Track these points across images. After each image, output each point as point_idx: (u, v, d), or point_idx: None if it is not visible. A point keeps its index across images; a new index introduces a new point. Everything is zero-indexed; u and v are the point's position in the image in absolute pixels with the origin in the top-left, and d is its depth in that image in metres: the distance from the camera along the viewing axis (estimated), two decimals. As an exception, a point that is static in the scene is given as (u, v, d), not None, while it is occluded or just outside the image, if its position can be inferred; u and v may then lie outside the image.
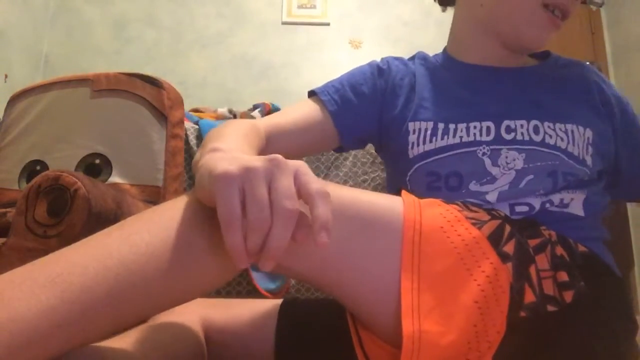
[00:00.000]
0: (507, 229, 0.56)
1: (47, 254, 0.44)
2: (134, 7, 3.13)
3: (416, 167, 0.73)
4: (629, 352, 0.60)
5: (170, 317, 0.64)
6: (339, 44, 3.13)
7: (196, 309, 0.68)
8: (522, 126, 0.70)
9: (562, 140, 0.68)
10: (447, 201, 0.59)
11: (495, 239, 0.54)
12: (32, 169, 1.10)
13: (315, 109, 0.79)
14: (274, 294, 1.25)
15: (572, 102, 0.74)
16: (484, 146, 0.69)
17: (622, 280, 0.66)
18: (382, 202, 0.55)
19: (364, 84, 0.81)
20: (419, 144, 0.73)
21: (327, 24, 3.16)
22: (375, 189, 1.38)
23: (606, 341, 0.56)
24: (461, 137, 0.71)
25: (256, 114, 1.78)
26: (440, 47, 0.90)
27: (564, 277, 0.55)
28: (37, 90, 1.17)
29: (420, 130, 0.74)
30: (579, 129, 0.69)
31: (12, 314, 0.38)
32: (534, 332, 0.52)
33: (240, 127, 0.63)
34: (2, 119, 1.24)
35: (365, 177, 1.41)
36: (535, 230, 0.60)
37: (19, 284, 0.40)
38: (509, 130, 0.70)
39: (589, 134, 0.70)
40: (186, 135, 1.38)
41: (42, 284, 0.40)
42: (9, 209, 0.90)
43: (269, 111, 1.80)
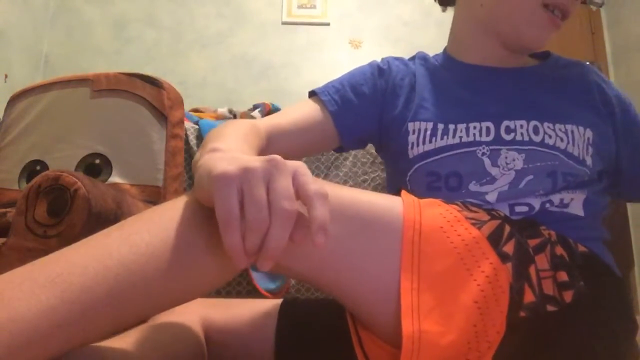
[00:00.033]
0: (507, 229, 0.56)
1: (47, 254, 0.44)
2: (134, 7, 3.13)
3: (416, 167, 0.73)
4: (629, 352, 0.60)
5: (170, 317, 0.64)
6: (339, 44, 3.13)
7: (196, 309, 0.68)
8: (521, 126, 0.70)
9: (562, 140, 0.68)
10: (447, 201, 0.59)
11: (495, 239, 0.54)
12: (32, 169, 1.10)
13: (315, 109, 0.79)
14: (274, 294, 1.25)
15: (572, 102, 0.74)
16: (484, 146, 0.69)
17: (622, 280, 0.66)
18: (382, 202, 0.55)
19: (364, 84, 0.82)
20: (418, 144, 0.73)
21: (327, 24, 3.16)
22: (375, 189, 1.38)
23: (606, 341, 0.56)
24: (461, 137, 0.71)
25: (256, 114, 1.78)
26: (440, 47, 0.90)
27: (563, 277, 0.55)
28: (37, 90, 1.17)
29: (420, 130, 0.74)
30: (579, 129, 0.69)
31: (12, 314, 0.38)
32: (534, 332, 0.52)
33: (240, 127, 0.63)
34: (2, 119, 1.25)
35: (365, 177, 1.41)
36: (535, 230, 0.60)
37: (19, 284, 0.40)
38: (509, 130, 0.70)
39: (589, 134, 0.70)
40: (186, 135, 1.38)
41: (42, 284, 0.40)
42: (9, 209, 0.90)
43: (269, 111, 1.80)
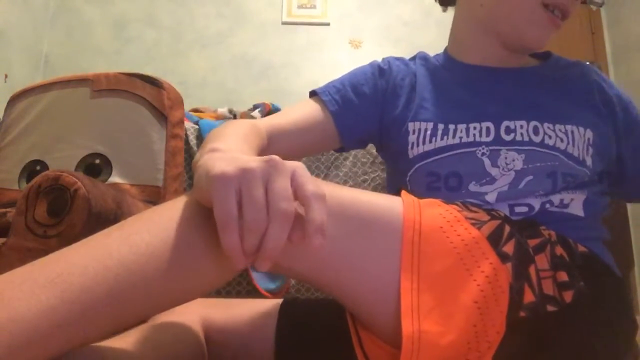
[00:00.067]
0: (507, 229, 0.56)
1: (47, 254, 0.44)
2: (134, 7, 3.13)
3: (416, 167, 0.73)
4: (629, 352, 0.60)
5: (170, 317, 0.64)
6: (339, 44, 3.13)
7: (196, 308, 0.68)
8: (521, 127, 0.70)
9: (562, 141, 0.68)
10: (447, 201, 0.59)
11: (494, 239, 0.54)
12: (32, 169, 1.10)
13: (316, 109, 0.79)
14: (274, 294, 1.25)
15: (573, 102, 0.74)
16: (484, 147, 0.69)
17: (622, 280, 0.66)
18: (382, 202, 0.55)
19: (365, 84, 0.81)
20: (418, 144, 0.73)
21: (327, 24, 3.16)
22: (375, 189, 1.38)
23: (606, 341, 0.56)
24: (461, 137, 0.71)
25: (256, 114, 1.78)
26: (440, 47, 0.90)
27: (563, 277, 0.55)
28: (37, 90, 1.17)
29: (420, 130, 0.74)
30: (579, 129, 0.69)
31: (12, 314, 0.38)
32: (534, 332, 0.52)
33: (240, 127, 0.63)
34: (2, 119, 1.25)
35: (365, 177, 1.41)
36: (534, 230, 0.60)
37: (19, 284, 0.40)
38: (509, 130, 0.70)
39: (589, 134, 0.70)
40: (186, 135, 1.38)
41: (42, 284, 0.40)
42: (9, 209, 0.90)
43: (269, 111, 1.81)
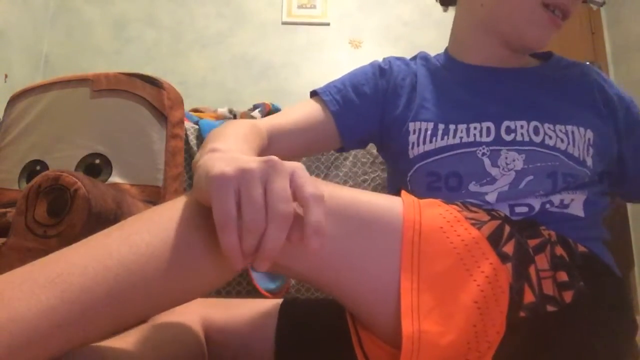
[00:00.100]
0: (507, 229, 0.56)
1: (47, 254, 0.44)
2: (134, 7, 3.13)
3: (416, 167, 0.73)
4: (629, 352, 0.60)
5: (170, 317, 0.64)
6: (339, 44, 3.13)
7: (196, 308, 0.68)
8: (522, 127, 0.70)
9: (562, 141, 0.68)
10: (447, 201, 0.59)
11: (494, 240, 0.54)
12: (32, 169, 1.10)
13: (317, 109, 0.79)
14: (274, 294, 1.25)
15: (573, 103, 0.74)
16: (484, 147, 0.69)
17: (622, 280, 0.66)
18: (382, 202, 0.55)
19: (365, 84, 0.81)
20: (419, 144, 0.73)
21: (327, 24, 3.16)
22: (375, 189, 1.38)
23: (606, 341, 0.56)
24: (461, 137, 0.71)
25: (256, 114, 1.78)
26: (440, 47, 0.90)
27: (563, 277, 0.55)
28: (37, 90, 1.17)
29: (420, 130, 0.74)
30: (580, 129, 0.69)
31: (12, 314, 0.38)
32: (534, 332, 0.52)
33: (240, 127, 0.63)
34: (2, 119, 1.25)
35: (365, 177, 1.41)
36: (534, 230, 0.60)
37: (19, 284, 0.40)
38: (509, 131, 0.70)
39: (590, 134, 0.70)
40: (186, 135, 1.38)
41: (42, 284, 0.40)
42: (9, 209, 0.90)
43: (269, 111, 1.81)
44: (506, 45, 0.78)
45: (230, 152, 0.50)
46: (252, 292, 1.24)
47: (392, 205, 0.54)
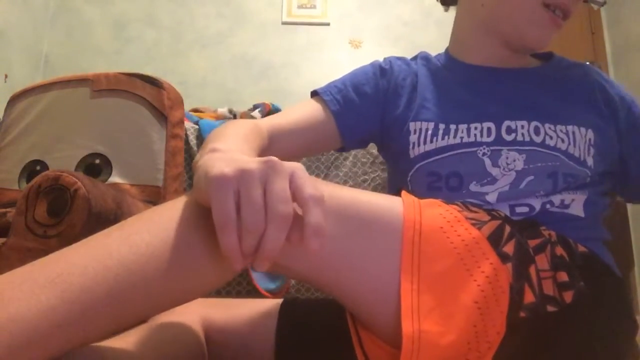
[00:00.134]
0: (507, 229, 0.56)
1: (47, 254, 0.44)
2: (134, 7, 3.13)
3: (417, 167, 0.73)
4: (629, 352, 0.60)
5: (170, 317, 0.64)
6: (339, 44, 3.13)
7: (196, 308, 0.68)
8: (522, 127, 0.70)
9: (563, 141, 0.68)
10: (447, 201, 0.59)
11: (495, 240, 0.54)
12: (32, 169, 1.10)
13: (317, 109, 0.79)
14: (274, 294, 1.25)
15: (574, 103, 0.74)
16: (485, 147, 0.69)
17: (622, 280, 0.66)
18: (382, 202, 0.55)
19: (366, 84, 0.81)
20: (419, 144, 0.73)
21: (327, 24, 3.16)
22: (375, 189, 1.38)
23: (606, 341, 0.56)
24: (462, 137, 0.71)
25: (256, 114, 1.78)
26: (440, 47, 0.90)
27: (563, 277, 0.55)
28: (37, 90, 1.17)
29: (421, 130, 0.74)
30: (581, 130, 0.69)
31: (12, 314, 0.38)
32: (534, 332, 0.52)
33: (241, 127, 0.63)
34: (2, 119, 1.24)
35: (365, 177, 1.41)
36: (535, 230, 0.60)
37: (19, 285, 0.40)
38: (510, 131, 0.70)
39: (591, 135, 0.70)
40: (186, 135, 1.38)
41: (42, 284, 0.40)
42: (9, 209, 0.90)
43: (269, 111, 1.80)
44: (507, 45, 0.78)
45: (230, 152, 0.50)
46: (252, 292, 1.24)
47: (392, 205, 0.54)
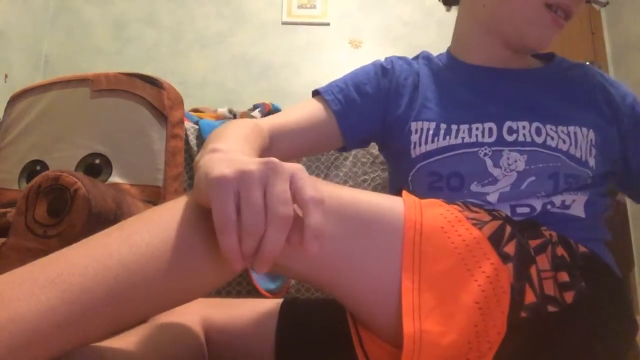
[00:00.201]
0: (508, 229, 0.56)
1: (47, 254, 0.44)
2: (134, 7, 3.13)
3: (418, 167, 0.73)
4: (629, 352, 0.60)
5: (170, 317, 0.64)
6: (339, 44, 3.13)
7: (196, 309, 0.68)
8: (524, 128, 0.70)
9: (564, 142, 0.68)
10: (448, 201, 0.59)
11: (496, 240, 0.54)
12: (32, 169, 1.10)
13: (318, 108, 0.79)
14: (274, 294, 1.25)
15: (575, 104, 0.74)
16: (486, 147, 0.69)
17: (622, 280, 0.66)
18: (383, 202, 0.55)
19: (367, 83, 0.81)
20: (421, 144, 0.73)
21: (327, 24, 3.15)
22: (375, 189, 1.38)
23: (606, 341, 0.56)
24: (463, 137, 0.71)
25: (256, 114, 1.78)
26: (440, 47, 0.90)
27: (564, 277, 0.55)
28: (37, 90, 1.17)
29: (422, 130, 0.74)
30: (582, 130, 0.69)
31: (12, 314, 0.38)
32: (535, 332, 0.52)
33: (242, 127, 0.63)
34: (2, 119, 1.24)
35: (365, 177, 1.41)
36: (536, 230, 0.60)
37: (19, 285, 0.40)
38: (511, 131, 0.70)
39: (592, 135, 0.70)
40: (186, 135, 1.38)
41: (42, 284, 0.40)
42: (9, 209, 0.90)
43: (269, 111, 1.80)
44: (508, 45, 0.78)
45: (231, 152, 0.50)
46: (252, 292, 1.24)
47: (393, 205, 0.54)
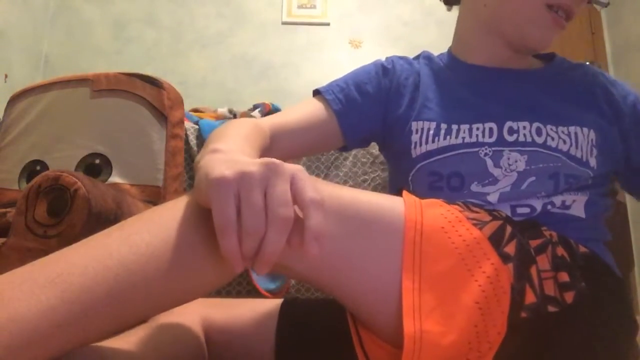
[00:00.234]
0: (508, 229, 0.56)
1: (47, 254, 0.44)
2: (134, 7, 3.13)
3: (418, 166, 0.73)
4: (629, 352, 0.60)
5: (170, 317, 0.64)
6: (339, 44, 3.13)
7: (197, 309, 0.68)
8: (524, 128, 0.69)
9: (565, 142, 0.68)
10: (449, 201, 0.59)
11: (496, 240, 0.54)
12: (32, 169, 1.10)
13: (319, 108, 0.79)
14: (274, 294, 1.25)
15: (576, 104, 0.73)
16: (486, 147, 0.69)
17: (622, 280, 0.66)
18: (383, 202, 0.55)
19: (368, 83, 0.81)
20: (421, 144, 0.73)
21: (327, 24, 3.15)
22: (375, 189, 1.38)
23: (606, 341, 0.56)
24: (463, 137, 0.71)
25: (256, 114, 1.78)
26: (440, 47, 0.90)
27: (564, 277, 0.55)
28: (37, 90, 1.17)
29: (423, 130, 0.74)
30: (583, 130, 0.69)
31: (12, 314, 0.38)
32: (535, 332, 0.52)
33: (242, 127, 0.63)
34: (2, 119, 1.24)
35: (365, 177, 1.41)
36: (536, 230, 0.60)
37: (19, 285, 0.40)
38: (512, 131, 0.70)
39: (593, 135, 0.69)
40: (186, 135, 1.38)
41: (42, 284, 0.40)
42: (9, 209, 0.90)
43: (269, 111, 1.80)
44: (509, 45, 0.78)
45: (231, 153, 0.50)
46: (252, 292, 1.24)
47: (393, 205, 0.54)
